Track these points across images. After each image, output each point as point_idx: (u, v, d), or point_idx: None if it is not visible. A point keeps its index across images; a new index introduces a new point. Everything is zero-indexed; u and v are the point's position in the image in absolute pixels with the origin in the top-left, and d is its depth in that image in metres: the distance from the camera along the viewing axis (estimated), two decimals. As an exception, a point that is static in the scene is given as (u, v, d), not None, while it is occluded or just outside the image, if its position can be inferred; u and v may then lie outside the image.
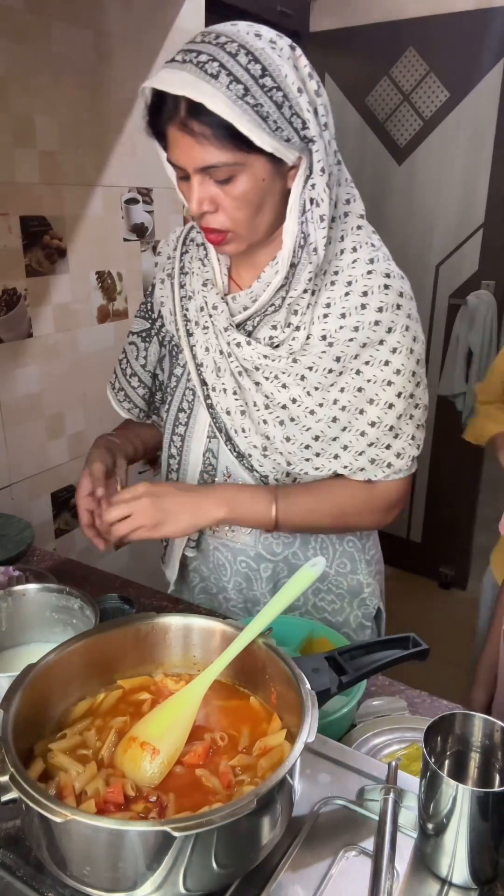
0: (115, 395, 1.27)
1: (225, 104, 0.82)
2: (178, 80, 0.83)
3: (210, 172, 0.87)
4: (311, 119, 0.87)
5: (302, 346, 0.99)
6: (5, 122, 1.54)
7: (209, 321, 1.06)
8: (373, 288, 0.97)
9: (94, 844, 0.59)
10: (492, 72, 2.59)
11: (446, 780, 0.63)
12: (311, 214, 0.92)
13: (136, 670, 0.83)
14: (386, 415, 1.01)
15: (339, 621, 1.20)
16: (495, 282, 2.78)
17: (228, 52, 0.83)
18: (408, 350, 1.00)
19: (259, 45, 0.84)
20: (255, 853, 0.64)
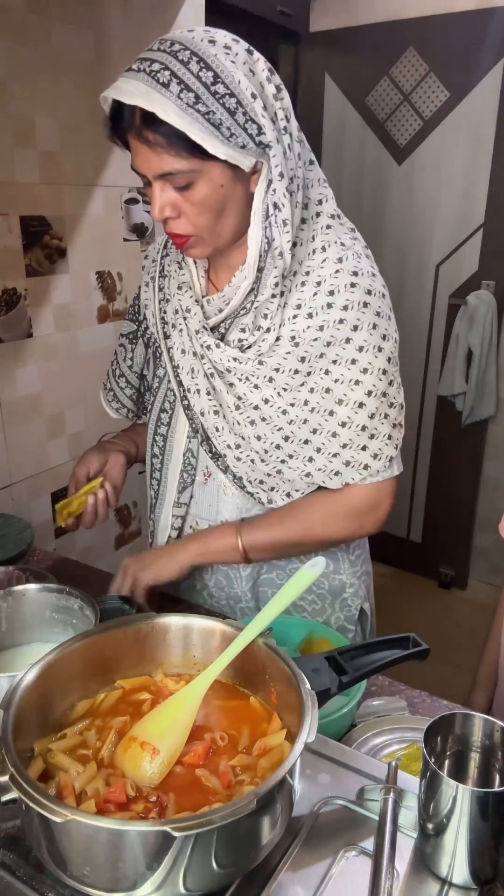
0: (105, 395, 1.31)
1: (175, 113, 0.82)
2: (132, 89, 0.84)
3: (169, 179, 0.88)
4: (266, 124, 0.87)
5: (270, 348, 0.99)
6: (5, 122, 1.54)
7: (183, 324, 1.06)
8: (339, 287, 0.97)
9: (94, 844, 0.59)
10: (492, 72, 2.59)
11: (446, 780, 0.63)
12: (274, 219, 0.92)
13: (136, 670, 0.83)
14: (356, 414, 1.00)
15: (318, 621, 1.19)
16: (495, 282, 2.78)
17: (180, 61, 0.83)
18: (375, 348, 0.98)
19: (212, 52, 0.84)
20: (255, 853, 0.64)
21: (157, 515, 1.22)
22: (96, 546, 2.08)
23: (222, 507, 1.15)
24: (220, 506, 1.15)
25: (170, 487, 1.18)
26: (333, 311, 0.97)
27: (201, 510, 1.17)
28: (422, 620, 2.82)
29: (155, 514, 1.23)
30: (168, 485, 1.18)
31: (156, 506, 1.22)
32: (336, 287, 0.97)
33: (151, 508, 1.24)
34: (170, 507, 1.18)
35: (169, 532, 1.19)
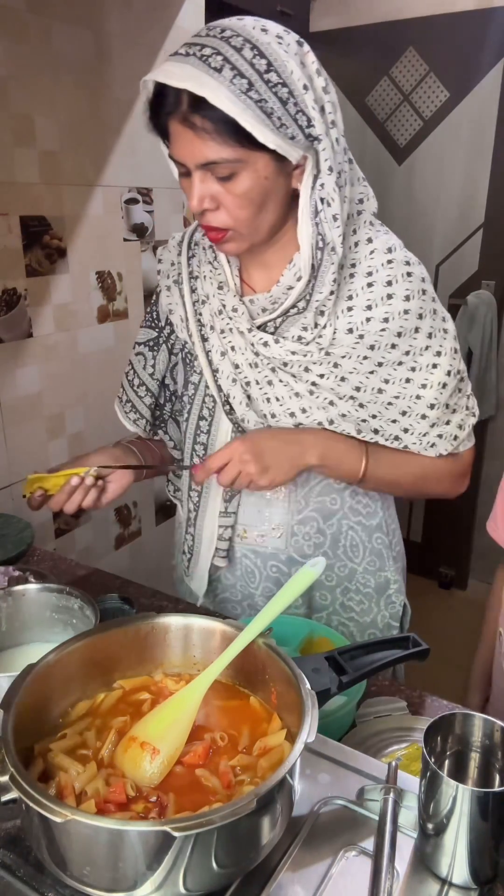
0: (122, 407, 1.23)
1: (228, 98, 0.80)
2: (181, 72, 0.81)
3: (211, 169, 0.86)
4: (316, 117, 0.86)
5: (330, 342, 0.98)
6: (5, 122, 1.54)
7: (229, 324, 1.04)
8: (396, 277, 0.97)
9: (94, 844, 0.59)
10: (492, 72, 2.59)
11: (446, 780, 0.63)
12: (323, 214, 0.91)
13: (136, 670, 0.83)
14: (441, 395, 1.02)
15: (366, 622, 1.19)
16: (495, 282, 2.78)
17: (233, 46, 0.81)
18: (442, 331, 1.01)
19: (265, 40, 0.83)
20: (255, 853, 0.64)
21: (198, 529, 1.16)
22: (96, 546, 2.08)
23: (273, 512, 1.12)
24: (270, 511, 1.12)
25: (213, 497, 1.13)
26: (395, 301, 0.97)
27: (249, 518, 1.13)
28: (422, 620, 2.82)
29: (196, 527, 1.17)
30: (211, 495, 1.13)
31: (196, 518, 1.16)
32: (393, 277, 0.97)
33: (190, 522, 1.18)
34: (214, 517, 1.13)
35: (216, 544, 1.14)
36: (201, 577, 1.19)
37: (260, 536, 1.14)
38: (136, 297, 2.04)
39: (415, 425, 1.04)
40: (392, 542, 1.19)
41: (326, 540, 1.14)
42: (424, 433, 1.04)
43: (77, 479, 1.05)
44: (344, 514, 1.13)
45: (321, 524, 1.13)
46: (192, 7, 2.00)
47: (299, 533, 1.12)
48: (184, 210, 2.16)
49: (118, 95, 1.82)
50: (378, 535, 1.16)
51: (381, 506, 1.16)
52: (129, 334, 2.02)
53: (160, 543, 2.31)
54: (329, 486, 1.11)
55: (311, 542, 1.13)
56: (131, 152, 1.89)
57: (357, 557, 1.15)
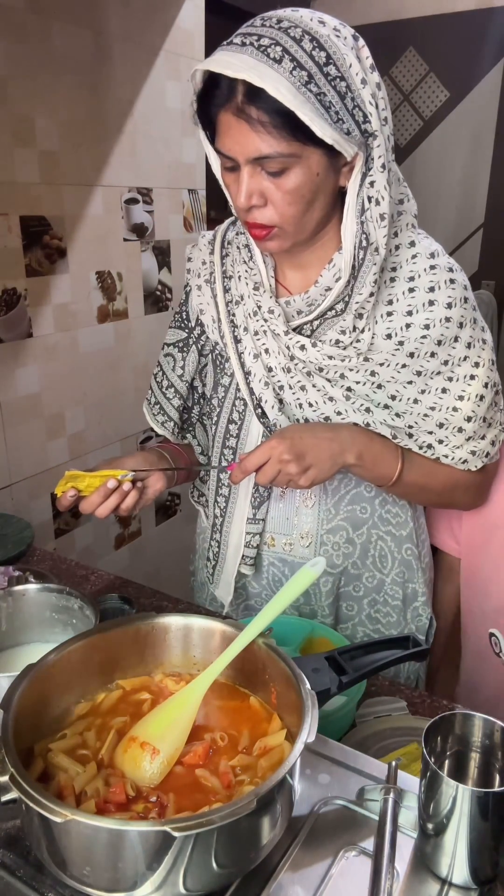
0: (151, 409, 1.20)
1: (288, 90, 0.78)
2: (238, 63, 0.79)
3: (262, 164, 0.84)
4: (373, 112, 0.84)
5: (369, 347, 0.96)
6: (5, 122, 1.54)
7: (264, 326, 1.01)
8: (439, 283, 0.95)
9: (94, 844, 0.59)
10: (492, 72, 2.59)
11: (446, 780, 0.63)
12: (370, 213, 0.89)
13: (136, 670, 0.83)
14: (479, 407, 1.01)
15: (392, 634, 1.16)
16: (495, 282, 2.78)
17: (292, 38, 0.79)
18: (481, 341, 1.00)
19: (324, 32, 0.81)
20: (255, 853, 0.64)
21: (224, 535, 1.14)
22: (96, 546, 2.08)
23: (302, 519, 1.10)
24: (298, 519, 1.10)
25: (240, 504, 1.11)
26: (437, 308, 0.95)
27: (277, 525, 1.11)
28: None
29: (222, 533, 1.14)
30: (239, 501, 1.11)
31: (223, 524, 1.14)
32: (436, 283, 0.95)
33: (216, 528, 1.15)
34: (242, 524, 1.11)
35: (243, 551, 1.12)
36: (227, 585, 1.16)
37: (288, 545, 1.12)
38: (136, 297, 2.04)
39: (451, 438, 1.02)
40: (421, 554, 1.17)
41: (356, 550, 1.11)
42: (459, 446, 1.02)
43: (114, 482, 1.00)
44: (374, 524, 1.11)
45: (350, 533, 1.10)
46: (192, 7, 2.00)
47: (328, 542, 1.10)
48: (184, 210, 2.16)
49: (118, 95, 1.82)
50: (408, 545, 1.13)
51: (411, 516, 1.13)
52: (129, 334, 2.02)
53: (160, 543, 2.31)
54: (359, 494, 1.09)
55: (341, 552, 1.11)
56: (131, 152, 1.89)
57: (386, 568, 1.13)
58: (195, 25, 2.02)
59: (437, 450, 1.03)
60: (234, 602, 1.19)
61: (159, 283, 2.11)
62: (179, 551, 1.76)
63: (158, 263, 2.09)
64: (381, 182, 0.88)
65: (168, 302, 2.15)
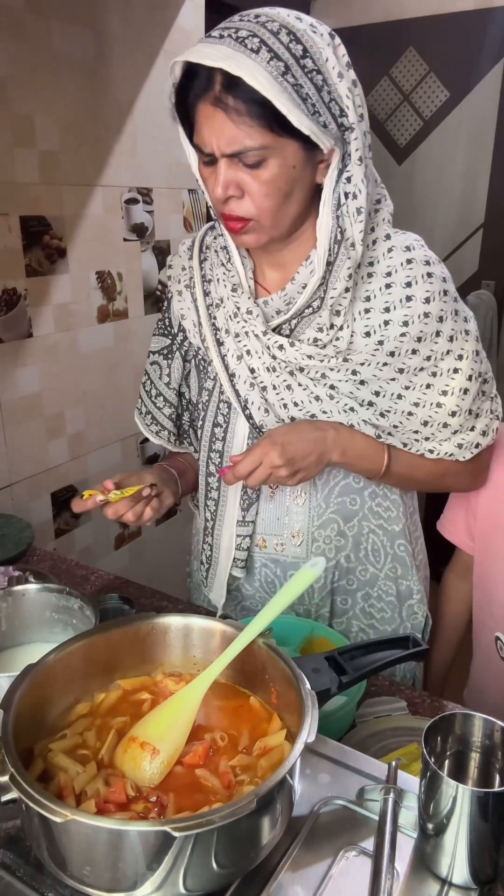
0: (143, 419, 1.21)
1: (265, 79, 0.79)
2: (216, 53, 0.80)
3: (239, 155, 0.84)
4: (350, 106, 0.85)
5: (348, 344, 0.96)
6: (5, 122, 1.54)
7: (244, 327, 1.01)
8: (416, 278, 0.95)
9: (94, 844, 0.59)
10: (492, 72, 2.59)
11: (446, 780, 0.63)
12: (346, 208, 0.89)
13: (136, 670, 0.83)
14: (463, 401, 1.00)
15: (386, 630, 1.17)
16: (495, 282, 2.78)
17: (269, 30, 0.81)
18: (464, 332, 0.99)
19: (301, 27, 0.82)
20: (255, 853, 0.64)
21: (215, 538, 1.14)
22: (96, 546, 2.08)
23: (292, 518, 1.10)
24: (289, 518, 1.10)
25: (230, 506, 1.11)
26: (415, 304, 0.95)
27: (268, 526, 1.11)
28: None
29: (213, 536, 1.15)
30: (228, 503, 1.11)
31: (213, 528, 1.14)
32: (413, 278, 0.95)
33: (207, 531, 1.16)
34: (232, 526, 1.11)
35: (234, 553, 1.12)
36: (220, 587, 1.16)
37: (279, 545, 1.12)
38: (136, 297, 2.04)
39: (437, 434, 1.02)
40: (415, 551, 1.17)
41: (348, 542, 1.11)
42: (445, 439, 1.03)
43: (147, 490, 1.04)
44: (364, 516, 1.11)
45: (342, 526, 1.11)
46: (192, 7, 2.00)
47: (320, 538, 1.10)
48: (184, 210, 2.16)
49: (118, 95, 1.82)
50: (401, 541, 1.13)
51: (402, 512, 1.13)
52: (129, 334, 2.02)
53: (160, 543, 2.31)
54: (349, 485, 1.09)
55: (332, 546, 1.11)
56: (131, 152, 1.89)
57: (379, 562, 1.13)
58: (195, 25, 2.02)
59: (423, 445, 1.03)
60: (227, 604, 1.18)
61: (159, 283, 2.11)
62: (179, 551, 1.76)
63: (158, 263, 2.09)
64: (359, 176, 0.88)
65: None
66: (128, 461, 2.11)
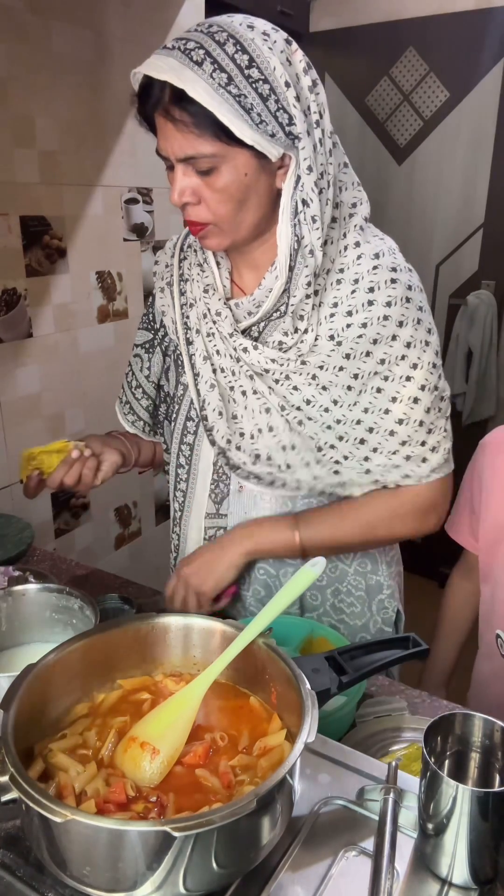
0: (122, 408, 1.25)
1: (206, 91, 0.80)
2: (163, 65, 0.82)
3: (192, 163, 0.86)
4: (297, 115, 0.85)
5: (310, 348, 0.97)
6: (5, 122, 1.54)
7: (213, 328, 1.03)
8: (379, 283, 0.95)
9: (94, 844, 0.59)
10: (492, 72, 2.59)
11: (446, 780, 0.63)
12: (303, 216, 0.90)
13: (136, 670, 0.83)
14: (412, 410, 0.99)
15: (357, 625, 1.17)
16: (495, 282, 2.78)
17: (216, 41, 0.82)
18: (423, 343, 0.98)
19: (249, 36, 0.83)
20: (255, 853, 0.64)
21: (183, 529, 1.16)
22: (96, 546, 2.08)
23: (260, 512, 1.10)
24: (257, 512, 1.10)
25: (198, 499, 1.12)
26: (376, 307, 0.95)
27: (235, 519, 1.12)
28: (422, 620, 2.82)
29: (181, 527, 1.16)
30: (196, 496, 1.12)
31: (181, 518, 1.16)
32: (376, 283, 0.95)
33: (175, 522, 1.17)
34: (200, 518, 1.13)
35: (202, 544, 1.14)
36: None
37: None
38: (136, 297, 2.04)
39: (383, 443, 1.00)
40: (385, 548, 1.18)
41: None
42: (393, 451, 1.00)
43: (76, 452, 1.08)
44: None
45: None
46: (191, 7, 2.00)
47: None
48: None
49: (118, 96, 1.82)
50: None
51: None
52: (129, 334, 2.02)
53: (160, 543, 2.31)
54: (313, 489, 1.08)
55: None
56: (131, 152, 1.89)
57: (347, 559, 1.14)
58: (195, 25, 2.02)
59: (372, 459, 1.01)
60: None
61: (159, 283, 2.11)
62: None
63: (158, 263, 2.09)
64: (309, 184, 0.89)
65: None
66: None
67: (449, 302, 2.89)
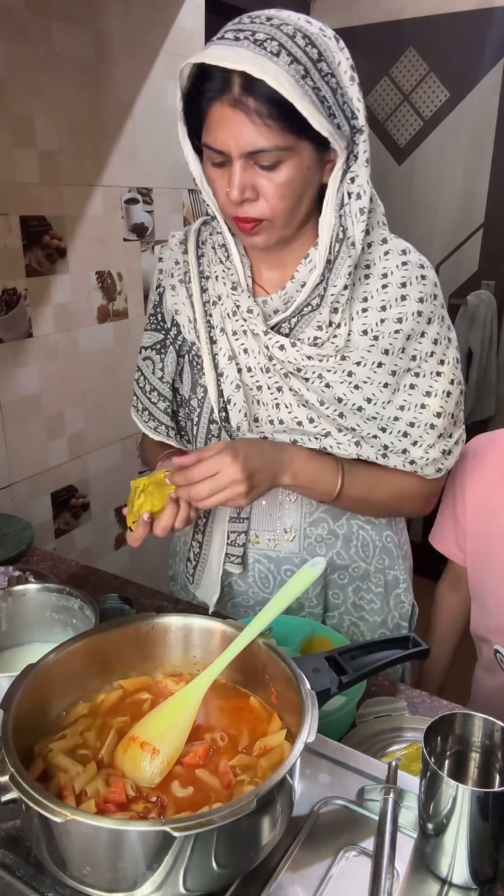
0: (140, 416, 1.16)
1: (288, 82, 0.80)
2: (235, 55, 0.80)
3: (255, 157, 0.84)
4: (361, 109, 0.87)
5: (345, 342, 0.97)
6: (5, 122, 1.54)
7: (244, 325, 1.01)
8: (410, 279, 0.97)
9: (94, 844, 0.59)
10: (492, 72, 2.58)
11: (446, 780, 0.63)
12: (349, 208, 0.91)
13: (136, 670, 0.83)
14: (447, 403, 1.01)
15: (376, 621, 1.18)
16: (495, 282, 2.78)
17: (286, 34, 0.81)
18: (447, 339, 1.01)
19: (313, 31, 0.84)
20: (255, 853, 0.64)
21: (207, 535, 1.14)
22: (96, 546, 2.08)
23: (285, 514, 1.10)
24: (282, 514, 1.10)
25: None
26: (409, 303, 0.96)
27: (261, 522, 1.11)
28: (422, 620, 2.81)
29: (205, 533, 1.14)
30: None
31: (205, 525, 1.13)
32: (408, 279, 0.97)
33: (198, 529, 1.14)
34: (224, 523, 1.10)
35: (227, 550, 1.11)
36: (212, 584, 1.15)
37: (272, 541, 1.12)
38: (136, 297, 2.04)
39: (424, 436, 1.02)
40: (400, 541, 1.19)
41: (338, 540, 1.12)
42: (432, 444, 1.02)
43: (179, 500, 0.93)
44: (352, 514, 1.12)
45: (332, 525, 1.11)
46: (192, 7, 2.00)
47: (312, 535, 1.11)
48: (183, 210, 2.16)
49: (118, 95, 1.82)
50: (388, 532, 1.15)
51: None
52: (129, 334, 2.02)
53: (160, 543, 2.30)
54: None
55: (324, 544, 1.11)
56: (131, 152, 1.89)
57: (369, 557, 1.14)
58: (195, 25, 2.02)
59: (411, 453, 1.02)
60: (219, 601, 1.18)
61: (159, 283, 2.11)
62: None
63: (158, 263, 2.10)
64: (364, 177, 0.90)
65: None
66: (128, 461, 2.11)
67: (449, 302, 2.89)
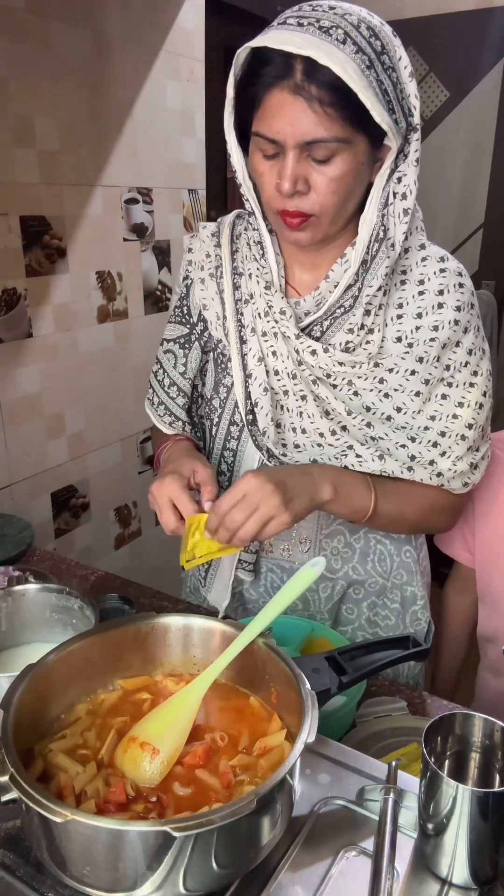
0: (155, 410, 1.12)
1: (354, 71, 0.77)
2: (300, 41, 0.77)
3: (310, 149, 0.81)
4: (417, 106, 0.84)
5: (378, 348, 0.94)
6: (5, 122, 1.54)
7: (275, 327, 0.97)
8: (448, 287, 0.94)
9: (94, 844, 0.59)
10: (492, 72, 2.59)
11: (446, 780, 0.63)
12: (393, 208, 0.88)
13: (136, 670, 0.83)
14: (479, 415, 0.98)
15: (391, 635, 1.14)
16: (495, 282, 2.78)
17: (350, 23, 0.79)
18: (481, 350, 0.98)
19: (375, 23, 0.82)
20: (255, 853, 0.64)
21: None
22: (96, 546, 2.08)
23: (301, 524, 1.06)
24: (298, 524, 1.00)
25: None
26: (446, 311, 0.94)
27: None
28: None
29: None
30: None
31: None
32: (445, 287, 0.94)
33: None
34: None
35: (241, 556, 1.09)
36: (223, 589, 1.13)
37: (286, 550, 1.10)
38: (136, 297, 2.04)
39: (454, 448, 0.98)
40: (420, 557, 1.15)
41: (355, 554, 1.10)
42: (460, 457, 0.99)
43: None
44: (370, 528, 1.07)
45: (348, 538, 1.09)
46: (192, 7, 2.00)
47: (327, 547, 1.09)
48: (184, 210, 2.16)
49: (118, 95, 1.82)
50: (407, 548, 1.12)
51: None
52: (129, 334, 2.02)
53: (160, 543, 2.31)
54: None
55: (339, 557, 1.09)
56: (131, 152, 1.89)
57: (386, 572, 1.11)
58: (195, 25, 2.02)
59: (439, 464, 0.98)
60: (229, 607, 1.16)
61: (159, 283, 2.11)
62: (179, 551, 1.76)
63: (158, 263, 2.10)
64: (412, 177, 0.87)
65: (168, 302, 2.15)
66: (128, 461, 2.11)
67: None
